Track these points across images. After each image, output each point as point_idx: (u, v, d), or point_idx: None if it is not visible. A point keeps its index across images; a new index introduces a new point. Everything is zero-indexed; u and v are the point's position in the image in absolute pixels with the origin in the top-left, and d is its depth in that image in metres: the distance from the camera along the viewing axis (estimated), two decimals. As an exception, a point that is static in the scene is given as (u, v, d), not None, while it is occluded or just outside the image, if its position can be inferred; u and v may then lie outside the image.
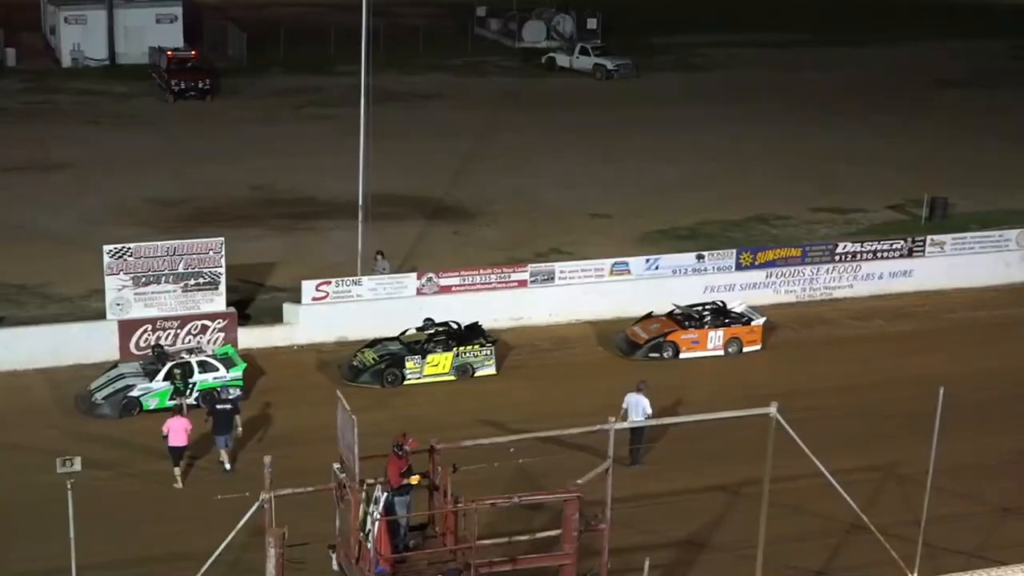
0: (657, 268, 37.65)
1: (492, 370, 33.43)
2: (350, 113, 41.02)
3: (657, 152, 52.96)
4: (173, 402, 29.69)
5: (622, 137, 55.27)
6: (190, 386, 30.41)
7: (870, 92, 64.93)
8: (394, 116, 54.62)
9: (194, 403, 30.16)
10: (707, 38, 75.43)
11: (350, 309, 34.97)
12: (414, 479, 21.18)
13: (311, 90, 61.54)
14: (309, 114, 57.73)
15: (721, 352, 35.03)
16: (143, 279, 32.80)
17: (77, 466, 20.61)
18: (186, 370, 30.60)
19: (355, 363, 32.91)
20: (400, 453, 21.23)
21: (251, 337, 34.18)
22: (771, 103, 62.18)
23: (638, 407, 28.43)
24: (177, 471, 27.39)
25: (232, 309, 34.01)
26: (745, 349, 35.23)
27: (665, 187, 48.33)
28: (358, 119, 35.72)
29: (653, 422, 28.10)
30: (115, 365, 31.78)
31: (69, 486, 20.38)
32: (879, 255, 39.53)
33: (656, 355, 34.47)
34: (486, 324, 34.39)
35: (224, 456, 28.02)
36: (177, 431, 27.35)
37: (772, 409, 21.76)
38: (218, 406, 28.43)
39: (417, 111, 59.02)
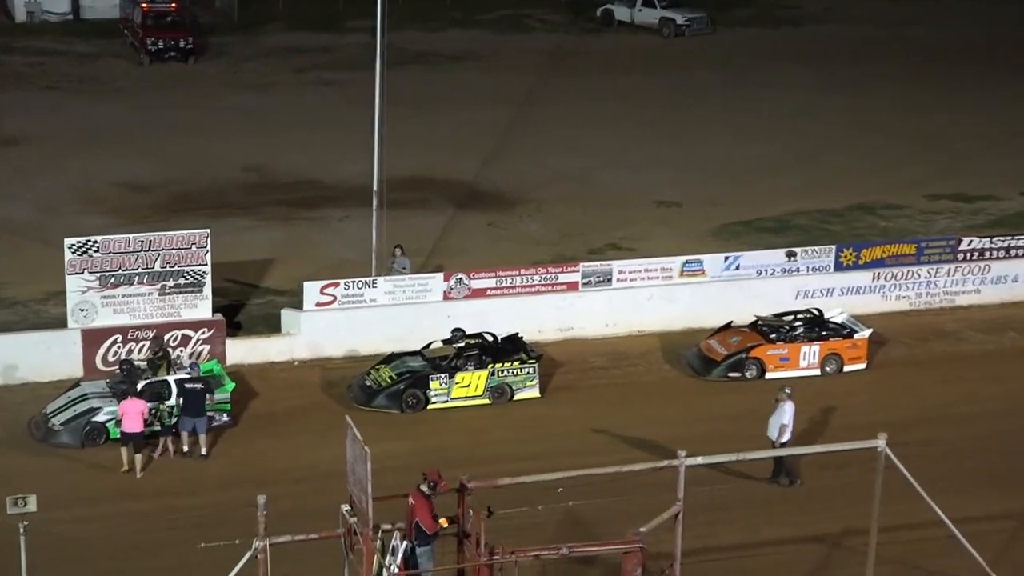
0: (738, 268, 37.54)
1: (535, 392, 33.41)
2: (363, 78, 41.10)
3: (737, 126, 52.84)
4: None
5: (694, 108, 55.18)
6: (170, 411, 30.35)
7: (999, 53, 64.47)
8: (416, 82, 54.77)
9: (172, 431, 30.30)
10: (798, -15, 75.31)
11: (362, 316, 35.04)
12: (443, 521, 21.16)
13: (316, 50, 61.79)
14: (313, 79, 57.98)
15: (817, 371, 34.89)
16: (112, 279, 32.92)
17: (32, 506, 20.70)
18: (163, 391, 30.68)
19: (368, 383, 32.96)
20: (429, 493, 21.18)
21: (242, 350, 34.30)
22: (876, 66, 61.90)
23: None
24: (124, 452, 28.91)
25: (219, 316, 34.12)
26: (846, 368, 35.08)
27: (747, 169, 48.21)
28: (372, 85, 35.75)
29: (734, 457, 27.90)
30: (77, 384, 31.92)
31: (22, 530, 20.48)
32: (1012, 253, 39.26)
33: (736, 374, 34.35)
34: (528, 336, 34.39)
35: (186, 443, 29.90)
36: (132, 415, 28.87)
37: (880, 442, 21.67)
38: (187, 386, 29.88)
39: (444, 76, 59.12)
